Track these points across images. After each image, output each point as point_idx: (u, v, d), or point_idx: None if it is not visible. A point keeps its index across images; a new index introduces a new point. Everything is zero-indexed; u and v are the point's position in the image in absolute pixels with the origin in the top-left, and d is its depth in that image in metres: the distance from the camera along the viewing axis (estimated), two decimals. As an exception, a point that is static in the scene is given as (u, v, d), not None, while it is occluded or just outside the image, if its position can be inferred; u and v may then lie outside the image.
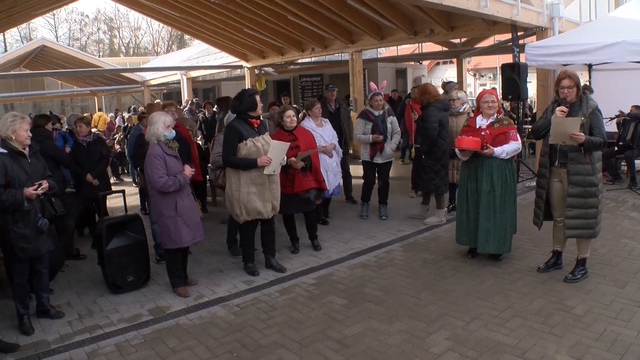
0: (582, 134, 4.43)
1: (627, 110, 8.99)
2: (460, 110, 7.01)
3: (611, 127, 8.90)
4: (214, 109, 11.24)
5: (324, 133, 6.88)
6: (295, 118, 5.85)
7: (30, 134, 4.33)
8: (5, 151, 4.18)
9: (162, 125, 4.79)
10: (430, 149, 6.67)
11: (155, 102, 13.10)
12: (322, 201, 7.05)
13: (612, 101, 9.00)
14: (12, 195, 4.07)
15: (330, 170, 6.82)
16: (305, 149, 5.73)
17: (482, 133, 5.18)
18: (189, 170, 4.90)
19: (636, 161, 8.65)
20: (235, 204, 5.14)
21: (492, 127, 5.20)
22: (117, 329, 4.33)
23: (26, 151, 4.31)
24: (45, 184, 4.24)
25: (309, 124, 6.82)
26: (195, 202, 5.14)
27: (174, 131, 4.91)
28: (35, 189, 4.15)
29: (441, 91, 8.55)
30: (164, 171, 4.68)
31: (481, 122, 5.30)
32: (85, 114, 18.77)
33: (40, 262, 4.46)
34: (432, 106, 6.62)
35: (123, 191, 6.05)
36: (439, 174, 6.73)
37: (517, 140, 5.22)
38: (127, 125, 12.81)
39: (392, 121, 7.19)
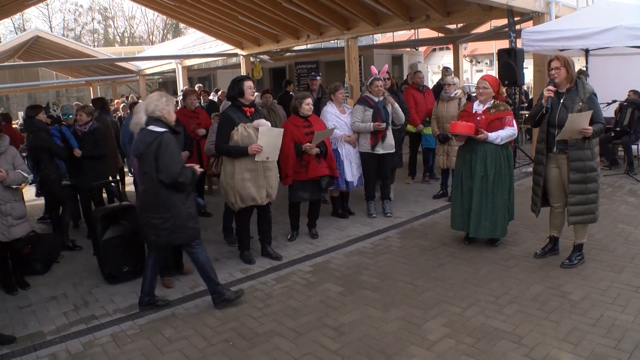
0: (591, 127, 4.41)
1: (624, 96, 8.96)
2: (452, 96, 7.25)
3: (608, 112, 8.87)
4: (209, 97, 11.14)
5: (347, 120, 6.48)
6: (312, 106, 5.86)
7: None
8: (166, 129, 4.10)
9: (144, 116, 4.73)
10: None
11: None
12: (343, 195, 6.88)
13: (609, 86, 8.97)
14: (188, 173, 4.03)
15: (354, 161, 6.51)
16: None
17: (478, 118, 5.18)
18: None
19: (633, 146, 8.65)
20: (229, 191, 5.11)
21: (488, 113, 5.20)
22: (113, 319, 4.32)
23: None
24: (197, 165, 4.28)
25: (332, 109, 6.52)
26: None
27: None
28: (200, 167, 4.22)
29: (439, 76, 8.65)
30: None
31: (478, 107, 5.30)
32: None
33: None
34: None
35: (118, 181, 6.01)
36: (397, 152, 7.06)
37: (512, 126, 5.20)
38: (122, 115, 12.70)
39: (395, 109, 6.60)
